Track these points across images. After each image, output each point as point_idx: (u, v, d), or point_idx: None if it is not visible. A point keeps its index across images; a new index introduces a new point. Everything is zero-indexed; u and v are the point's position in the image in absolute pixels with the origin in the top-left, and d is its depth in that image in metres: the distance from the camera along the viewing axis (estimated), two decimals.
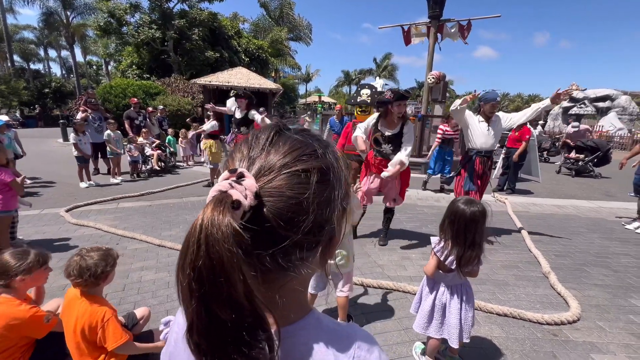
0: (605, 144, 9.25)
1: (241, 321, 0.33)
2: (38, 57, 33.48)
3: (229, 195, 0.34)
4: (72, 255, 1.58)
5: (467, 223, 1.58)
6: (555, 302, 2.64)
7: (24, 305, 1.55)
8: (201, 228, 0.33)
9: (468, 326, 1.72)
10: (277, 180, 0.38)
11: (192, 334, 0.35)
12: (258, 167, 0.39)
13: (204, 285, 0.32)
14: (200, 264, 0.32)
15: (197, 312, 0.33)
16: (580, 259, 3.55)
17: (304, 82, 40.70)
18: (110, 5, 16.38)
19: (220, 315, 0.33)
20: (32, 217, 4.37)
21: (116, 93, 12.82)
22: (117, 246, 3.48)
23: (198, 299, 0.33)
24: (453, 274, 1.70)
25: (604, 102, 20.11)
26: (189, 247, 0.34)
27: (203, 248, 0.32)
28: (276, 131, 0.43)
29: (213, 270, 0.32)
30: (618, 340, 2.20)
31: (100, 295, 1.64)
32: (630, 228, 4.67)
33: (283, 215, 0.37)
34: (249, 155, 0.41)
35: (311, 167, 0.40)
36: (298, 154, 0.40)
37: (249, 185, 0.36)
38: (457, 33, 9.27)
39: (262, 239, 0.36)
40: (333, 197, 0.42)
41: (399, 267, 3.21)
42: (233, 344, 0.34)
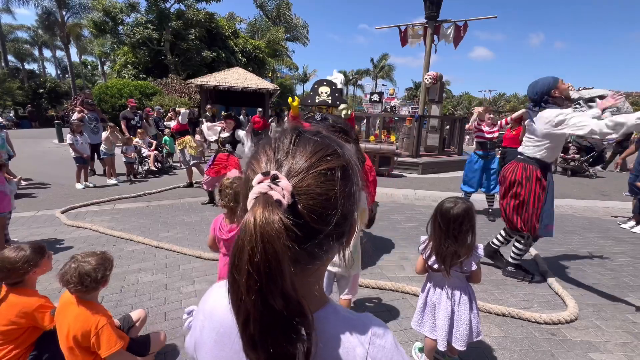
0: (600, 144, 9.34)
1: (289, 310, 0.37)
2: (32, 57, 33.15)
3: (270, 195, 0.37)
4: (66, 262, 1.55)
5: (440, 218, 1.61)
6: (552, 302, 2.66)
7: (34, 296, 1.65)
8: (255, 227, 0.36)
9: (462, 332, 1.68)
10: (307, 180, 0.41)
11: (248, 327, 0.37)
12: (287, 169, 0.42)
13: (262, 279, 0.35)
14: (258, 259, 0.35)
15: (254, 304, 0.36)
16: (577, 258, 3.57)
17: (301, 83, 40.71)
18: (106, 4, 16.27)
19: (275, 305, 0.36)
20: (26, 219, 4.32)
21: (112, 93, 12.74)
22: (114, 248, 3.45)
23: (256, 292, 0.36)
24: (441, 273, 1.70)
25: None
26: (244, 246, 0.36)
27: (260, 245, 0.35)
28: (297, 134, 0.46)
29: (269, 264, 0.35)
30: (615, 339, 2.21)
31: (96, 301, 1.62)
32: (626, 227, 4.71)
33: (315, 210, 0.41)
34: (275, 158, 0.44)
35: (335, 165, 0.44)
36: (322, 155, 0.44)
37: (285, 186, 0.38)
38: (451, 35, 9.32)
39: (300, 233, 0.39)
40: (354, 191, 0.46)
41: (397, 268, 3.21)
42: (283, 332, 0.37)
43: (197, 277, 2.90)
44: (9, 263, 1.57)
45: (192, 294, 2.64)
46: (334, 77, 4.72)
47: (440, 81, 9.74)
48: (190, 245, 3.53)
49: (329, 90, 4.59)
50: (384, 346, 0.48)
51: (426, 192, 6.36)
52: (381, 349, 0.48)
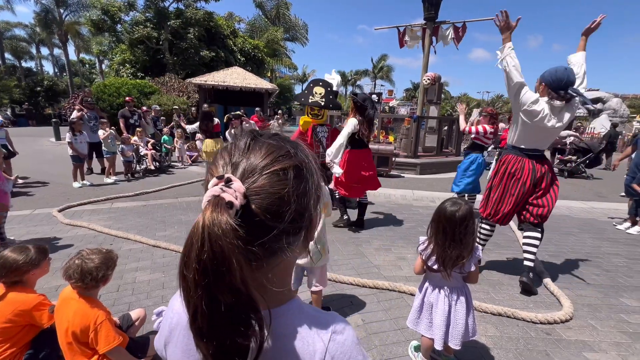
0: (597, 146, 9.41)
1: (239, 304, 0.38)
2: (30, 54, 32.95)
3: (222, 198, 0.39)
4: (70, 257, 1.57)
5: (445, 222, 1.60)
6: (548, 302, 2.68)
7: (32, 294, 1.65)
8: (203, 227, 0.38)
9: (458, 332, 1.70)
10: (260, 180, 0.44)
11: (196, 320, 0.39)
12: (242, 171, 0.44)
13: (209, 276, 0.37)
14: (205, 257, 0.37)
15: (202, 299, 0.38)
16: (573, 258, 3.60)
17: (300, 83, 40.71)
18: (104, 2, 16.20)
19: (223, 300, 0.38)
20: (23, 217, 4.31)
21: (110, 92, 12.68)
22: (111, 247, 3.44)
23: (203, 288, 0.38)
24: (440, 274, 1.71)
25: (596, 104, 20.43)
26: (193, 244, 0.38)
27: (207, 244, 0.37)
28: (252, 138, 0.49)
29: (216, 262, 0.37)
30: (609, 338, 2.23)
31: (95, 297, 1.63)
32: (621, 228, 4.75)
33: (269, 209, 0.43)
34: (231, 161, 0.46)
35: (287, 165, 0.46)
36: (275, 156, 0.46)
37: (238, 188, 0.41)
38: (450, 37, 9.35)
39: (254, 231, 0.41)
40: (308, 188, 0.48)
41: (394, 267, 3.22)
42: (231, 325, 0.39)
43: None
44: (12, 262, 1.58)
45: None
46: (332, 77, 4.64)
47: (438, 82, 9.78)
48: None
49: (324, 91, 4.44)
50: (343, 343, 0.50)
51: (424, 193, 6.38)
52: (340, 345, 0.49)
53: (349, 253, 3.51)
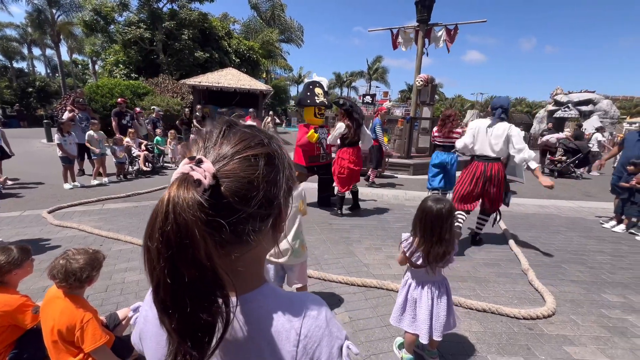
0: (586, 146, 9.56)
1: (203, 279, 0.39)
2: (21, 55, 32.53)
3: (190, 175, 0.40)
4: (56, 256, 1.57)
5: (433, 220, 1.63)
6: (532, 298, 2.73)
7: (15, 295, 1.64)
8: (169, 200, 0.38)
9: (440, 324, 1.74)
10: (231, 164, 0.45)
11: (159, 292, 0.39)
12: (214, 155, 0.45)
13: (172, 248, 0.37)
14: (169, 229, 0.37)
15: (164, 271, 0.38)
16: (559, 256, 3.67)
17: (296, 84, 40.75)
18: (96, 3, 16.10)
19: (186, 273, 0.38)
20: (12, 218, 4.27)
21: (103, 93, 12.59)
22: (101, 247, 3.43)
23: (166, 260, 0.38)
24: (423, 270, 1.75)
25: (587, 106, 20.76)
26: (157, 216, 0.39)
27: (171, 216, 0.37)
28: (227, 126, 0.49)
29: (179, 234, 0.37)
30: (589, 332, 2.29)
31: (82, 296, 1.63)
32: (607, 227, 4.85)
33: (238, 192, 0.44)
34: (204, 146, 0.47)
35: (259, 152, 0.47)
36: (247, 143, 0.47)
37: (207, 168, 0.41)
38: (442, 39, 9.46)
39: (221, 211, 0.42)
40: (279, 178, 0.49)
41: (384, 266, 3.26)
42: (195, 299, 0.39)
43: None
44: None
45: None
46: (320, 78, 4.88)
47: (431, 84, 9.87)
48: None
49: (322, 92, 4.78)
50: (317, 317, 0.51)
51: (416, 193, 6.44)
52: (314, 320, 0.50)
53: (339, 252, 3.54)
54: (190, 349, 0.40)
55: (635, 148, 4.73)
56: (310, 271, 2.89)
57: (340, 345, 0.52)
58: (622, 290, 2.94)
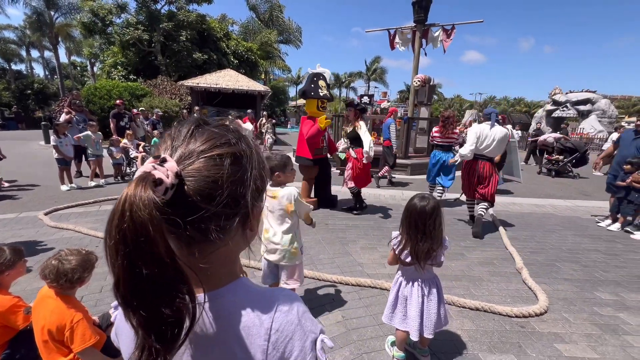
0: (582, 146, 9.60)
1: (163, 275, 0.39)
2: (20, 57, 32.53)
3: (151, 174, 0.40)
4: (49, 256, 1.58)
5: (417, 217, 1.66)
6: (525, 296, 2.75)
7: (7, 296, 1.63)
8: (125, 199, 0.39)
9: (431, 322, 1.76)
10: (196, 164, 0.45)
11: (119, 288, 0.40)
12: (180, 154, 0.46)
13: (129, 245, 0.38)
14: (125, 227, 0.38)
15: (123, 268, 0.39)
16: (553, 255, 3.69)
17: (294, 85, 40.77)
18: (94, 5, 16.12)
19: (144, 269, 0.38)
20: (8, 220, 4.27)
21: (101, 94, 12.60)
22: (97, 248, 3.44)
23: (123, 257, 0.38)
24: (413, 267, 1.76)
25: (585, 105, 20.80)
26: (114, 214, 0.39)
27: (127, 214, 0.38)
28: (196, 125, 0.49)
29: (136, 232, 0.38)
30: (581, 330, 2.31)
31: (73, 296, 1.64)
32: (603, 225, 4.87)
33: (202, 191, 0.44)
34: (172, 145, 0.48)
35: (225, 152, 0.47)
36: (214, 143, 0.47)
37: (170, 167, 0.42)
38: (439, 39, 9.49)
39: (185, 211, 0.43)
40: (246, 177, 0.49)
41: (378, 266, 3.27)
42: (156, 294, 0.39)
43: None
44: None
45: None
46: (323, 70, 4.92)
47: (428, 84, 9.90)
48: None
49: (325, 84, 4.86)
50: (288, 312, 0.51)
51: (413, 193, 6.44)
52: (286, 315, 0.51)
53: (335, 252, 3.55)
54: (154, 343, 0.40)
55: (631, 147, 4.75)
56: (305, 271, 2.90)
57: (314, 339, 0.52)
58: (615, 288, 2.95)
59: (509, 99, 49.92)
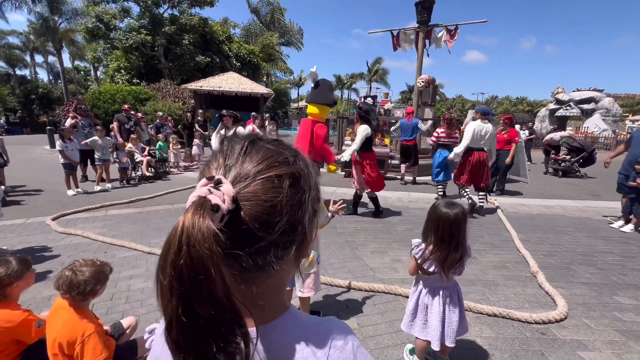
0: (590, 145, 9.50)
1: (219, 317, 0.35)
2: (24, 62, 32.83)
3: (208, 200, 0.36)
4: (64, 266, 1.55)
5: (451, 226, 1.59)
6: (543, 301, 2.69)
7: (17, 310, 1.58)
8: (182, 230, 0.35)
9: (452, 330, 1.71)
10: (253, 186, 0.41)
11: (171, 331, 0.36)
12: (234, 174, 0.42)
13: (185, 284, 0.34)
14: (182, 263, 0.34)
15: (177, 309, 0.35)
16: (567, 257, 3.62)
17: (296, 87, 40.85)
18: (98, 10, 16.23)
19: (200, 311, 0.35)
20: (16, 226, 4.26)
21: (105, 99, 12.65)
22: (105, 254, 3.42)
23: (179, 297, 0.34)
24: (435, 276, 1.71)
25: (589, 104, 20.65)
26: (170, 248, 0.35)
27: (184, 248, 0.34)
28: (250, 141, 0.46)
29: (194, 269, 0.34)
30: (604, 337, 2.24)
31: (87, 308, 1.61)
32: (615, 226, 4.78)
33: (259, 217, 0.40)
34: (225, 164, 0.43)
35: (283, 172, 0.43)
36: (271, 162, 0.43)
37: (227, 191, 0.38)
38: (442, 39, 9.45)
39: (241, 240, 0.39)
40: (304, 200, 0.44)
41: (390, 270, 3.22)
42: (211, 340, 0.35)
43: None
44: None
45: None
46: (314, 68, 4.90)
47: (432, 84, 9.85)
48: None
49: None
50: (343, 348, 0.47)
51: (420, 195, 6.40)
52: (340, 351, 0.47)
53: (345, 256, 3.51)
54: None
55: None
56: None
57: None
58: (634, 292, 2.88)
59: (511, 99, 49.72)
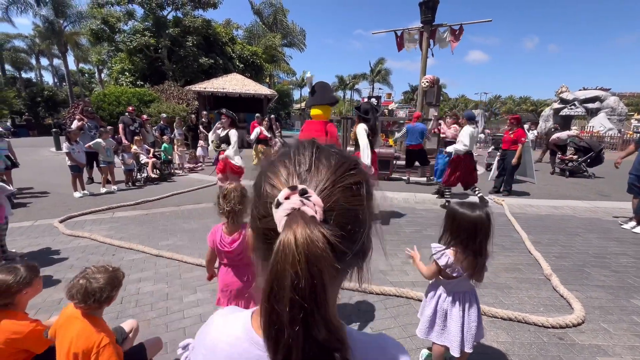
0: (597, 145, 9.39)
1: (332, 341, 0.33)
2: (29, 65, 33.13)
3: (304, 212, 0.34)
4: (76, 275, 1.51)
5: (483, 229, 1.53)
6: (558, 305, 2.63)
7: (25, 319, 1.56)
8: (297, 247, 0.31)
9: (471, 335, 1.67)
10: (335, 195, 0.38)
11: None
12: (314, 183, 0.39)
13: (307, 308, 0.31)
14: (303, 285, 0.31)
15: (299, 338, 0.31)
16: (580, 260, 3.56)
17: (299, 88, 40.88)
18: (104, 12, 16.35)
19: (318, 337, 0.32)
20: (25, 228, 4.27)
21: (110, 101, 12.73)
22: (113, 257, 3.41)
23: (301, 323, 0.31)
24: (456, 281, 1.67)
25: (594, 103, 20.45)
26: (286, 270, 0.32)
27: (305, 267, 0.31)
28: (317, 147, 0.43)
29: (316, 290, 0.31)
30: (623, 342, 2.19)
31: (100, 317, 1.58)
32: (627, 227, 4.71)
33: (345, 228, 0.37)
34: (297, 172, 0.40)
35: (360, 179, 0.41)
36: (346, 168, 0.41)
37: (317, 201, 0.35)
38: (447, 39, 9.41)
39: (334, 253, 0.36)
40: (373, 206, 0.43)
41: (400, 273, 3.18)
42: None
43: (198, 286, 2.86)
44: (1, 283, 1.51)
45: (194, 303, 2.60)
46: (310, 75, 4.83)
47: (437, 84, 9.80)
48: (191, 253, 3.49)
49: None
50: None
51: (426, 196, 6.35)
52: None
53: None
54: None
55: None
56: None
57: None
58: None
59: (514, 98, 49.43)
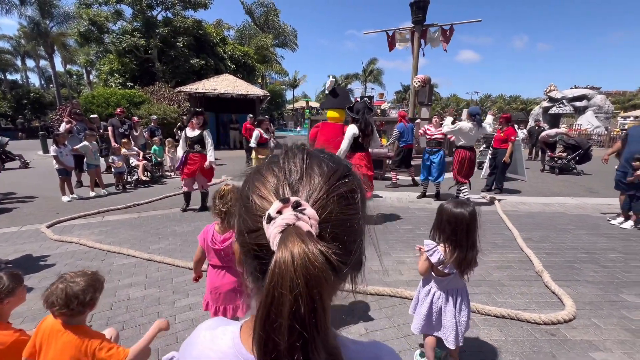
0: (585, 142, 9.58)
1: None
2: (15, 67, 32.37)
3: (299, 227, 0.32)
4: (53, 282, 1.43)
5: (468, 225, 1.56)
6: (550, 301, 2.66)
7: (8, 329, 1.49)
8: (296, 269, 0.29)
9: (462, 330, 1.71)
10: (330, 205, 0.36)
11: None
12: (307, 193, 0.36)
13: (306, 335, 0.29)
14: (303, 311, 0.28)
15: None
16: (570, 256, 3.61)
17: (291, 88, 40.81)
18: (92, 13, 16.05)
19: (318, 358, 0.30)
20: (10, 234, 4.15)
21: (99, 102, 12.50)
22: (103, 262, 3.34)
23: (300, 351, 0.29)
24: (449, 278, 1.68)
25: (581, 102, 20.88)
26: (283, 295, 0.29)
27: (304, 291, 0.28)
28: (307, 153, 0.41)
29: (316, 315, 0.29)
30: (614, 337, 2.22)
31: (84, 324, 1.52)
32: (615, 223, 4.80)
33: (341, 240, 0.35)
34: (288, 181, 0.37)
35: (354, 187, 0.39)
36: (339, 175, 0.38)
37: (312, 214, 0.33)
38: (439, 39, 9.50)
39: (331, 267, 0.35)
40: (367, 213, 0.41)
41: (394, 272, 3.18)
42: None
43: (190, 290, 2.81)
44: None
45: (186, 307, 2.56)
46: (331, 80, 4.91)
47: (428, 84, 9.88)
48: (182, 256, 3.44)
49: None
50: None
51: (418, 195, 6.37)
52: None
53: None
54: None
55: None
56: None
57: None
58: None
59: (504, 97, 50.17)
